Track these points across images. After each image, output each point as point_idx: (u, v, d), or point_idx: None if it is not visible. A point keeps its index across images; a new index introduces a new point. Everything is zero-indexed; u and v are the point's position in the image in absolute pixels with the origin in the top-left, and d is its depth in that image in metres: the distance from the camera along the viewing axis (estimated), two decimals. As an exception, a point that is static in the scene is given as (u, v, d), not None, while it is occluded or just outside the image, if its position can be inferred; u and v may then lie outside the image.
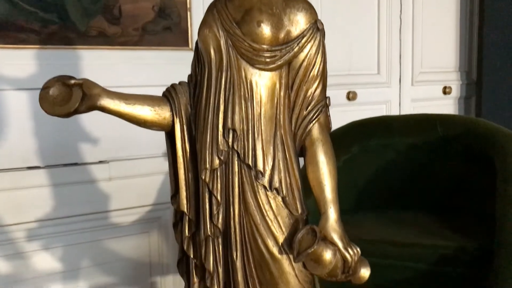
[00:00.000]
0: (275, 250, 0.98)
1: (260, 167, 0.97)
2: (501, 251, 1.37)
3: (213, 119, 0.98)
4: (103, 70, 1.78)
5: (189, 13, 1.96)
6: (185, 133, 1.04)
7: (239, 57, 0.98)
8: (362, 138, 1.89)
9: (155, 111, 1.02)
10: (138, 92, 1.05)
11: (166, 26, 1.93)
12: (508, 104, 2.69)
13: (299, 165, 1.02)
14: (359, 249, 0.97)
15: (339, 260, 0.95)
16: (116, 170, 1.87)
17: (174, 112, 1.03)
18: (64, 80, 0.98)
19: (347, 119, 1.94)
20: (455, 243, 1.51)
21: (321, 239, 0.94)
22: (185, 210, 1.04)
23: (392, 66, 2.65)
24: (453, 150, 1.78)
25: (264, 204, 0.97)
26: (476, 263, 1.46)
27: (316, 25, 0.99)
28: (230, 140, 0.97)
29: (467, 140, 1.72)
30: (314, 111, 1.01)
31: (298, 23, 0.98)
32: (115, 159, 1.89)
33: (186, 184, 1.04)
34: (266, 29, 0.96)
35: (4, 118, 1.71)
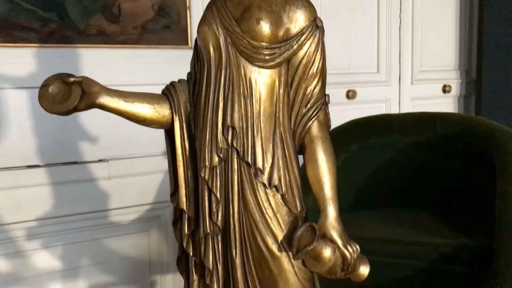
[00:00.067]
0: (274, 248, 0.98)
1: (259, 164, 0.96)
2: (501, 251, 1.37)
3: (212, 116, 0.98)
4: (103, 68, 1.78)
5: (188, 11, 1.96)
6: (185, 131, 1.04)
7: (238, 54, 0.97)
8: (362, 137, 1.89)
9: (154, 109, 1.02)
10: (137, 90, 1.05)
11: (165, 25, 1.93)
12: (507, 102, 2.69)
13: (298, 163, 1.01)
14: (358, 246, 0.97)
15: (338, 257, 0.95)
16: (115, 169, 1.87)
17: (173, 110, 1.03)
18: (64, 78, 0.97)
19: (346, 117, 1.93)
20: (455, 241, 1.51)
21: (320, 236, 0.94)
22: (185, 208, 1.04)
23: (391, 65, 2.65)
24: (453, 148, 1.78)
25: (263, 202, 0.97)
26: (476, 262, 1.46)
27: (316, 23, 0.99)
28: (230, 138, 0.97)
29: (467, 139, 1.72)
30: (314, 109, 1.01)
31: (298, 20, 0.97)
32: (115, 157, 1.88)
33: (186, 182, 1.04)
34: (265, 27, 0.96)
35: (4, 117, 1.71)
